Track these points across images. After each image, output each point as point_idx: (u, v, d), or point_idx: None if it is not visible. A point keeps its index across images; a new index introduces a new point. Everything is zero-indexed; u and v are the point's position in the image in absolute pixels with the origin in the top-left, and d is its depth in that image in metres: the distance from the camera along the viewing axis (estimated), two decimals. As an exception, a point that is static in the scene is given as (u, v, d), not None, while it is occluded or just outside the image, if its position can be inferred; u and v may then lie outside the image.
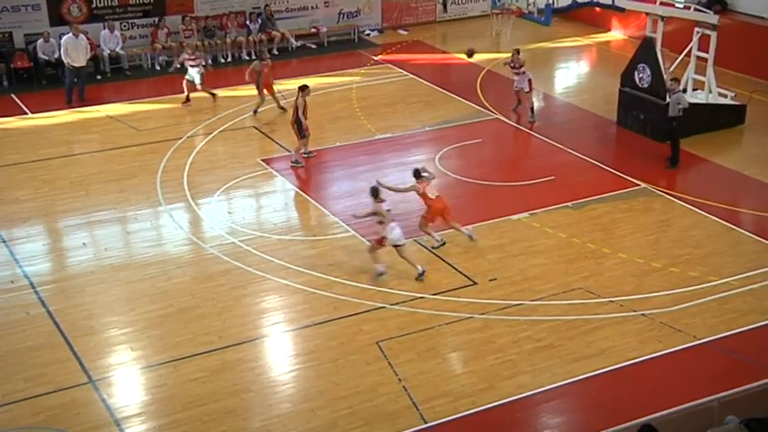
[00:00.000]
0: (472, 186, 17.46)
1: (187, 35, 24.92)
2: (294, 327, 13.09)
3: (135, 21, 25.17)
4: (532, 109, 20.83)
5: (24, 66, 23.49)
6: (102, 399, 11.41)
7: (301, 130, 18.12)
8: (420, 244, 15.09)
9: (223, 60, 25.48)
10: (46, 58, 23.30)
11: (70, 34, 22.22)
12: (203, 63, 22.34)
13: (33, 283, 14.02)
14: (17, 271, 14.40)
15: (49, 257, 15.09)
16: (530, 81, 20.64)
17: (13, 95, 22.59)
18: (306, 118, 18.08)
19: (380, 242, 13.96)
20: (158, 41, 24.85)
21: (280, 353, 12.62)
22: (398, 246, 13.99)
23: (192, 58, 21.73)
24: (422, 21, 28.98)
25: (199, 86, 21.64)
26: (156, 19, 25.10)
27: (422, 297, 13.59)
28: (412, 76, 23.97)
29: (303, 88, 18.21)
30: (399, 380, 11.71)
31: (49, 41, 23.29)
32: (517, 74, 20.83)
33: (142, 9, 25.21)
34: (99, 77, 23.63)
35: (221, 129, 20.17)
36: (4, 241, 15.35)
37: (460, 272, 14.29)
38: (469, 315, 13.15)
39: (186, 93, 21.58)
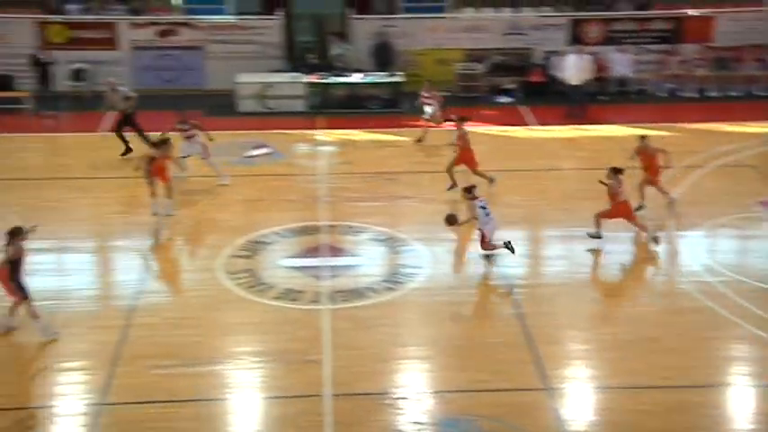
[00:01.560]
0: None
1: (698, 64, 24.40)
2: (760, 382, 12.22)
3: (649, 46, 25.28)
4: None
5: (539, 80, 24.87)
6: (554, 408, 11.74)
7: None
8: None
9: (734, 94, 24.50)
10: (557, 74, 24.42)
11: (574, 53, 23.06)
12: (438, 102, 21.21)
13: (511, 285, 14.85)
14: (495, 269, 15.30)
15: (528, 263, 15.84)
16: None
17: (524, 107, 24.09)
18: None
19: (486, 242, 14.75)
20: (669, 68, 24.66)
21: (742, 406, 11.85)
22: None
23: (427, 96, 21.10)
24: None
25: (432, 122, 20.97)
26: (671, 46, 24.95)
27: None
28: None
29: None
30: None
31: (562, 59, 24.34)
32: None
33: (660, 35, 25.23)
34: (605, 98, 24.10)
35: (719, 163, 19.44)
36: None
37: None
38: None
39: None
